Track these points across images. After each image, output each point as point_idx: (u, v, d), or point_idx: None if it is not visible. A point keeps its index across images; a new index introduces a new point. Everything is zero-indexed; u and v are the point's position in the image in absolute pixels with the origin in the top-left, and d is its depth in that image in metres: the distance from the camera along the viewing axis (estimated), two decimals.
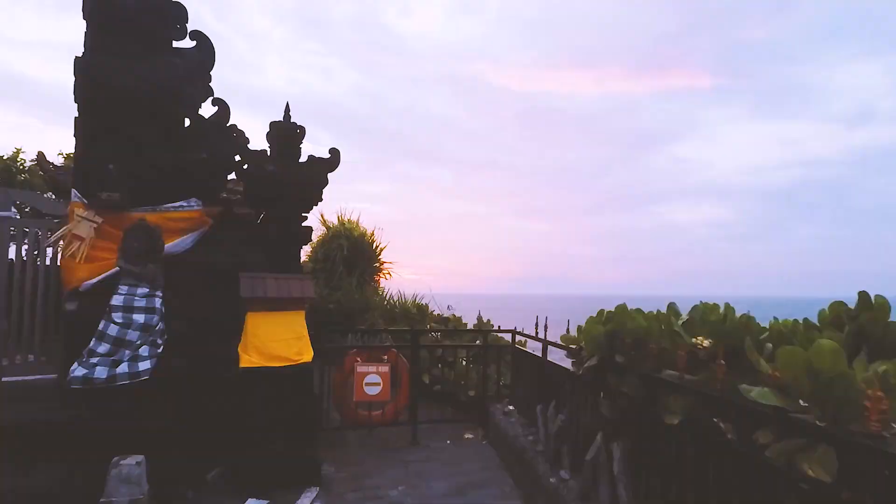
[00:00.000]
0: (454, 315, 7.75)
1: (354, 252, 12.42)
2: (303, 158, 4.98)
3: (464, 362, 6.62)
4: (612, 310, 3.47)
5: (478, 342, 7.10)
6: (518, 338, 6.00)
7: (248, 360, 3.91)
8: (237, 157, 4.78)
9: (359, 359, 5.22)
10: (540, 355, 4.95)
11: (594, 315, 3.67)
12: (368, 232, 13.04)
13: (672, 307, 3.19)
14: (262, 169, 4.77)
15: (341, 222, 12.98)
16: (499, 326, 6.06)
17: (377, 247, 13.29)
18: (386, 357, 5.34)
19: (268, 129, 4.94)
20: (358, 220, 13.25)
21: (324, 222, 13.09)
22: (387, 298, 11.28)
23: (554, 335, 5.23)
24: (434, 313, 8.22)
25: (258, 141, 4.88)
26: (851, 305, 2.35)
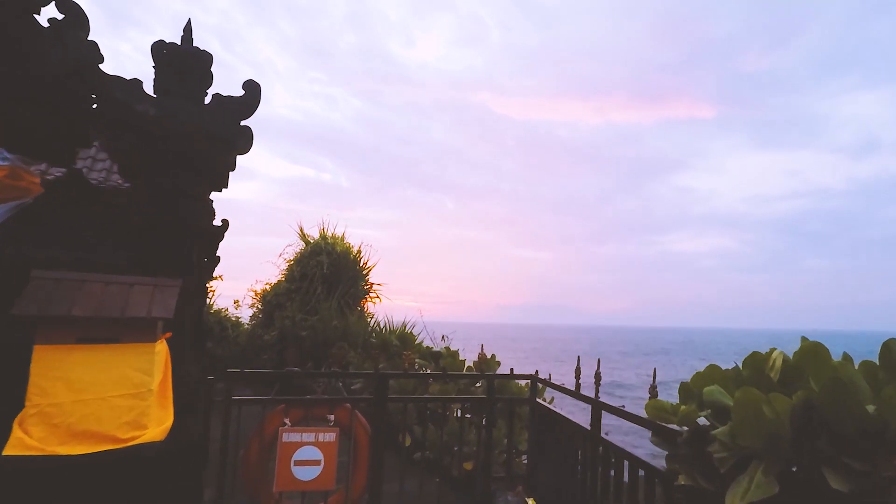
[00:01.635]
0: (448, 348, 5.77)
1: (336, 270, 10.48)
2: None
3: (460, 414, 4.59)
4: (781, 355, 1.50)
5: (478, 385, 5.13)
6: (542, 390, 4.02)
7: (22, 440, 1.96)
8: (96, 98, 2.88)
9: (287, 420, 3.25)
10: (583, 422, 3.00)
11: (706, 368, 1.74)
12: (354, 248, 11.14)
13: None
14: (132, 110, 2.88)
15: (323, 236, 11.09)
16: (511, 370, 4.02)
17: (364, 265, 11.35)
18: (334, 417, 3.37)
19: (151, 52, 3.08)
20: (343, 235, 11.37)
21: (303, 236, 11.19)
22: (372, 326, 9.33)
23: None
24: (423, 345, 6.24)
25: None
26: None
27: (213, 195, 3.29)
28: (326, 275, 10.21)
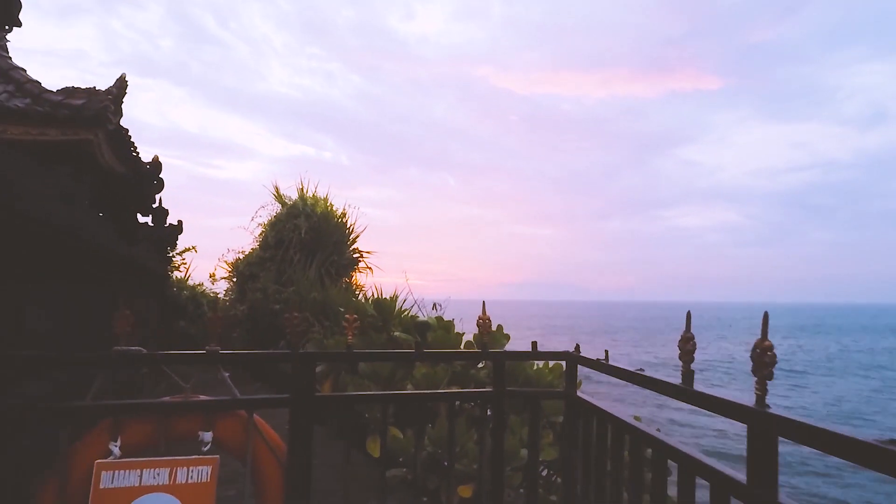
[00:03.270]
0: (439, 318, 4.17)
1: (316, 235, 8.92)
2: None
3: (459, 408, 3.06)
4: None
5: (481, 368, 3.60)
6: (584, 379, 2.48)
7: None
8: None
9: (117, 445, 1.74)
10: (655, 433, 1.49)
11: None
12: (338, 210, 9.57)
13: None
14: None
15: (301, 197, 9.52)
16: (534, 343, 2.42)
17: (350, 231, 9.80)
18: (212, 434, 1.86)
19: None
20: (327, 196, 9.77)
21: (279, 197, 9.59)
22: (358, 299, 7.80)
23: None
24: (409, 314, 4.69)
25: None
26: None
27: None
28: (305, 240, 8.68)
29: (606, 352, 2.06)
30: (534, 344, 2.32)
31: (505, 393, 2.33)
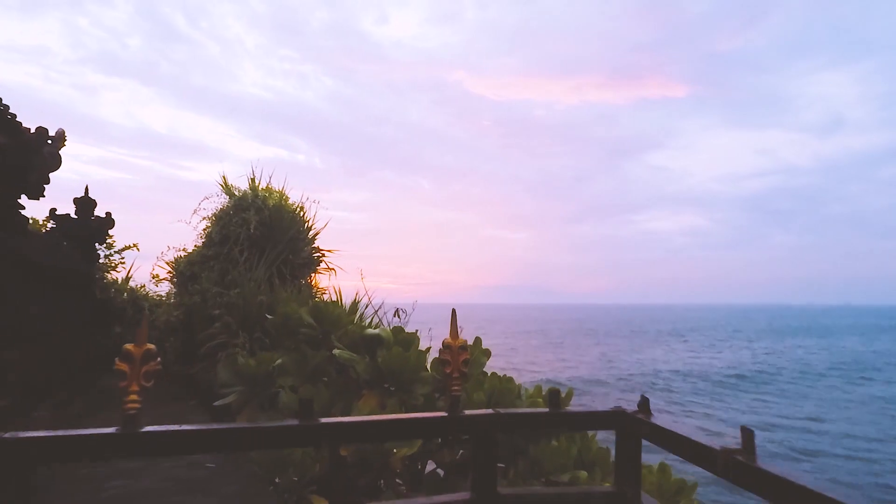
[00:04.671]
0: (398, 329, 3.05)
1: (268, 231, 7.77)
2: None
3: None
4: None
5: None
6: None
7: None
8: None
9: None
10: None
11: None
12: (295, 203, 8.43)
13: None
14: None
15: (252, 188, 8.35)
16: (555, 391, 1.35)
17: (309, 227, 8.66)
18: None
19: None
20: (283, 189, 8.62)
21: (226, 187, 8.40)
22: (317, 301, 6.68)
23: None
24: (363, 324, 3.58)
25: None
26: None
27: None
28: (254, 237, 7.52)
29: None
30: (554, 393, 1.30)
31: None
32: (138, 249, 10.54)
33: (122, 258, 10.40)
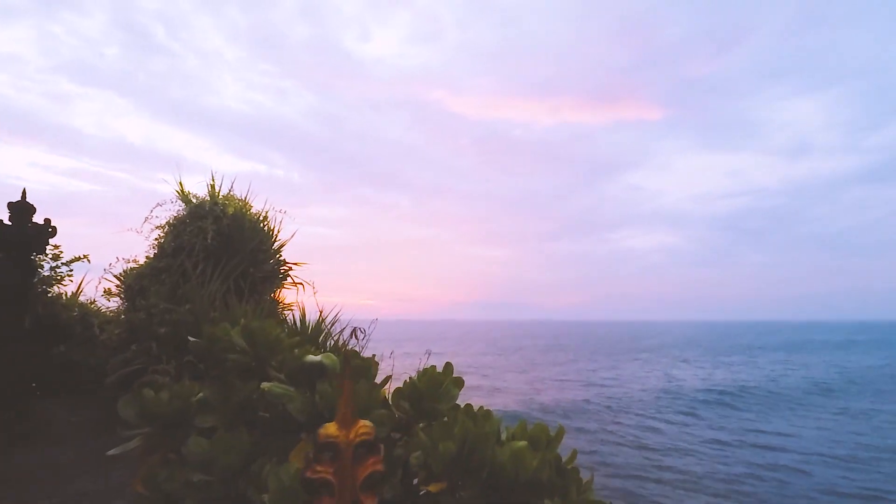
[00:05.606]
0: (352, 354, 2.47)
1: (226, 241, 7.11)
2: None
3: None
4: None
5: (414, 434, 1.97)
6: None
7: None
8: None
9: None
10: None
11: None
12: (257, 211, 7.77)
13: None
14: None
15: (211, 195, 7.67)
16: None
17: (274, 238, 8.00)
18: None
19: None
20: (247, 196, 7.96)
21: (183, 194, 7.71)
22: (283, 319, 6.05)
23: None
24: (309, 351, 2.98)
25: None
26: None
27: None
28: (211, 247, 6.84)
29: None
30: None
31: None
32: (89, 261, 9.68)
33: (71, 270, 9.52)
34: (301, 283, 8.17)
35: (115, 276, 7.83)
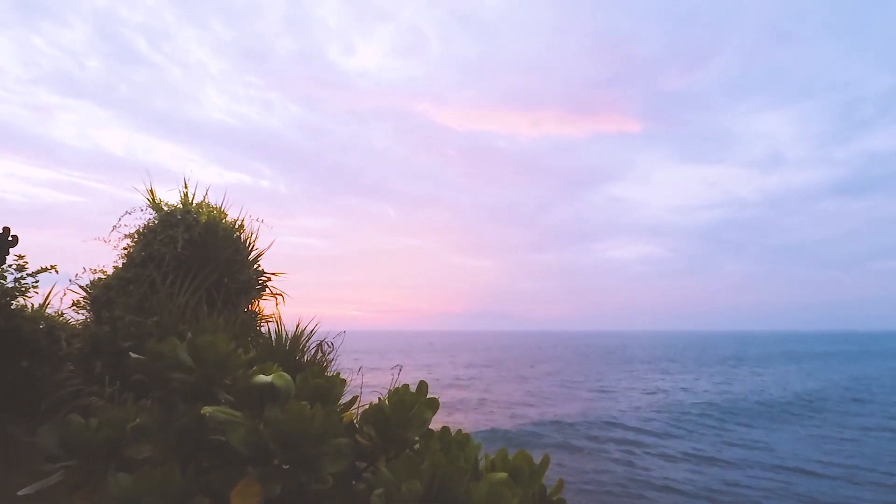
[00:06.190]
0: (314, 369, 2.22)
1: (199, 251, 6.75)
2: None
3: None
4: None
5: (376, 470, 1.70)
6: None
7: None
8: None
9: None
10: None
11: None
12: (232, 219, 7.42)
13: None
14: None
15: (184, 202, 7.32)
16: None
17: (250, 247, 7.65)
18: None
19: None
20: (223, 204, 7.61)
21: (154, 202, 7.35)
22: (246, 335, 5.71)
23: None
24: (255, 370, 2.66)
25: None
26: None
27: None
28: (182, 256, 6.48)
29: None
30: None
31: None
32: (57, 272, 9.22)
33: (37, 281, 9.06)
34: (281, 294, 7.82)
35: (82, 287, 7.41)
